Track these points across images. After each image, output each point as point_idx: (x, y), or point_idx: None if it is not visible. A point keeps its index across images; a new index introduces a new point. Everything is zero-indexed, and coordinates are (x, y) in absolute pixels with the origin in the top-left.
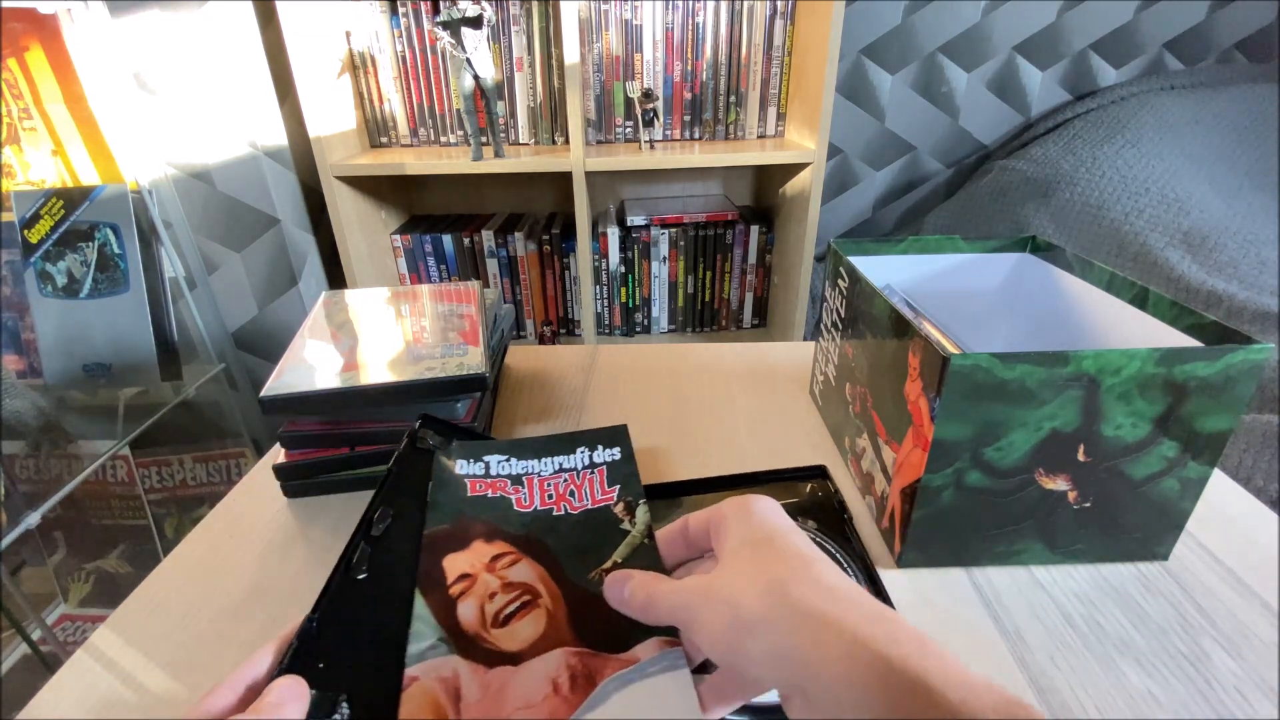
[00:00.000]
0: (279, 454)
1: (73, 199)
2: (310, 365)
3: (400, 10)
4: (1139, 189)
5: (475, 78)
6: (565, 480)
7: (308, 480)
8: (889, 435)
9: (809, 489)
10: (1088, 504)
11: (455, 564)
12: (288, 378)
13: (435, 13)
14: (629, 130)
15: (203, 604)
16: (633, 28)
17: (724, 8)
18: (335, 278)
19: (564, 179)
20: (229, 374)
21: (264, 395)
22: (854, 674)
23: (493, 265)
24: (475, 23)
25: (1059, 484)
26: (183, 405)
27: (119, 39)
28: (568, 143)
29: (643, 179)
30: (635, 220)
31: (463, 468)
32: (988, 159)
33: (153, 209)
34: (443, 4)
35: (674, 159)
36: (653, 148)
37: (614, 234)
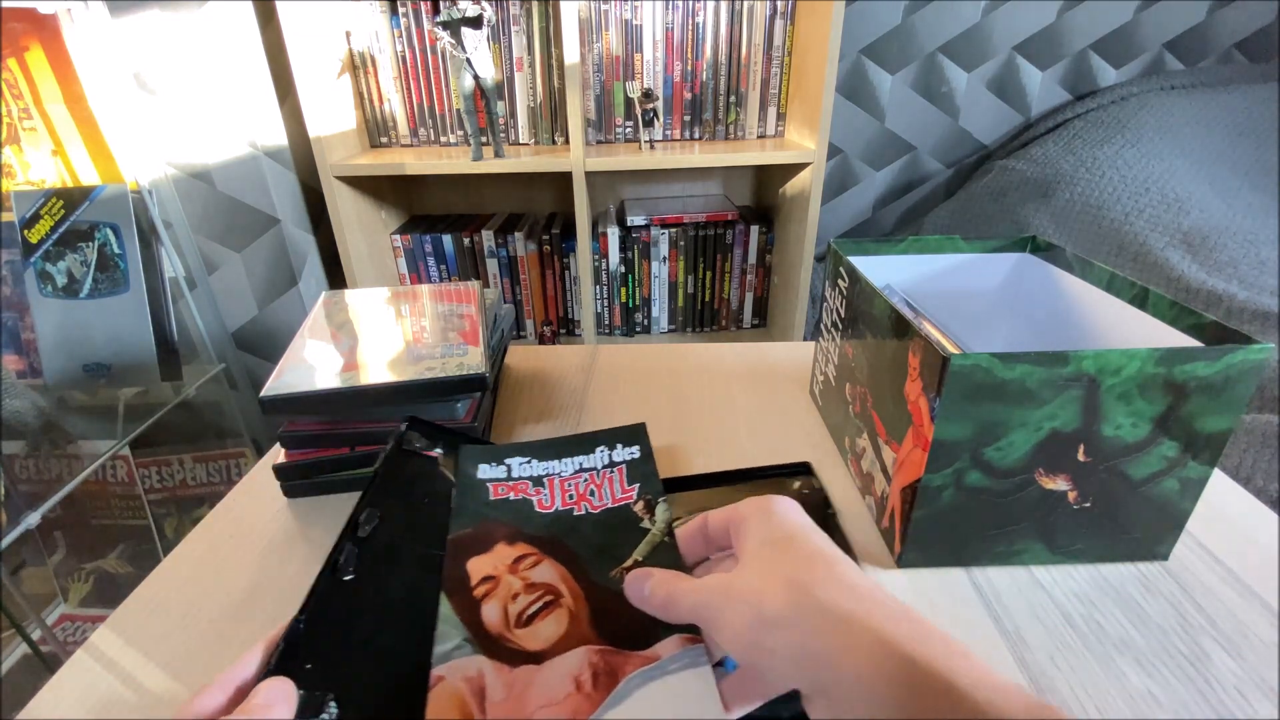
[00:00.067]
0: (279, 454)
1: (73, 199)
2: (310, 365)
3: (400, 10)
4: (1139, 189)
5: (475, 78)
6: (585, 480)
7: (308, 480)
8: (889, 435)
9: (796, 486)
10: (1088, 504)
11: (479, 567)
12: (288, 378)
13: (435, 13)
14: (629, 130)
15: (203, 604)
16: (633, 28)
17: (724, 8)
18: (335, 278)
19: (564, 179)
20: (229, 374)
21: (264, 395)
22: (880, 674)
23: (493, 265)
24: (475, 23)
25: (1059, 484)
26: (183, 405)
27: (119, 39)
28: (568, 143)
29: (643, 179)
30: (635, 220)
31: (485, 472)
32: (988, 159)
33: (153, 209)
34: (443, 4)
35: (674, 159)
36: (653, 148)
37: (614, 234)
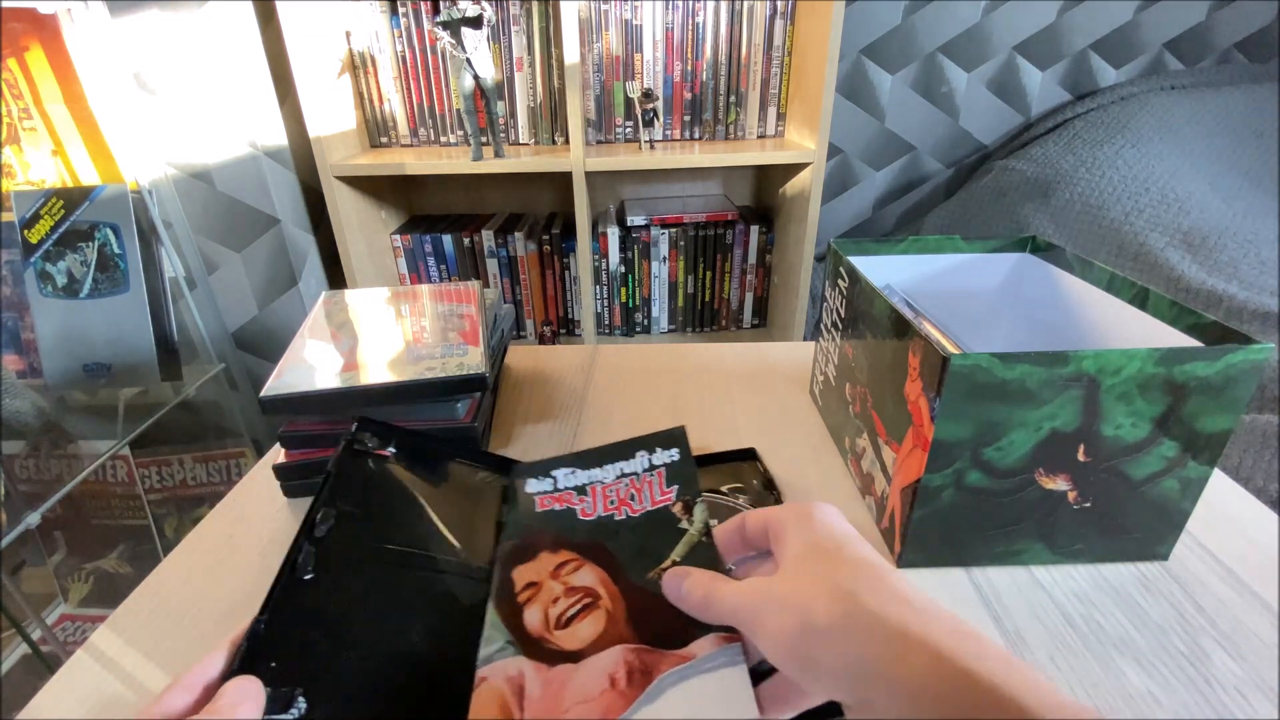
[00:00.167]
0: (279, 454)
1: (73, 199)
2: (310, 365)
3: (400, 10)
4: (1139, 189)
5: (475, 78)
6: (626, 485)
7: (308, 480)
8: (889, 435)
9: (744, 470)
10: (1088, 504)
11: (523, 574)
12: (288, 378)
13: (435, 13)
14: (629, 130)
15: (203, 604)
16: (633, 28)
17: (724, 8)
18: (335, 278)
19: (564, 179)
20: (229, 374)
21: (264, 395)
22: (936, 690)
23: (493, 265)
24: (475, 23)
25: (1059, 484)
26: (183, 405)
27: (119, 39)
28: (568, 143)
29: (643, 179)
30: (635, 220)
31: (532, 486)
32: (988, 159)
33: (153, 209)
34: (443, 4)
35: (674, 159)
36: (653, 148)
37: (614, 234)
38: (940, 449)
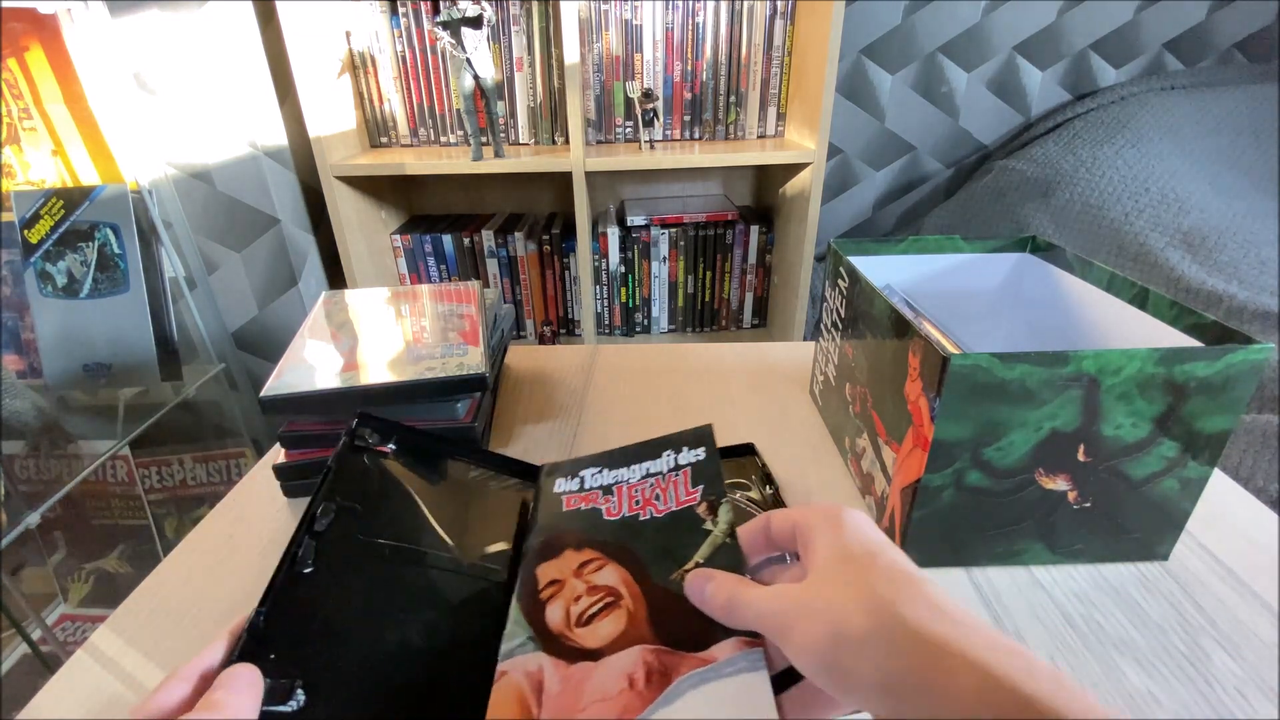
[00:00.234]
0: (279, 454)
1: (73, 199)
2: (310, 365)
3: (400, 10)
4: (1139, 189)
5: (475, 78)
6: (652, 485)
7: (308, 480)
8: (889, 435)
9: (745, 465)
10: (1088, 504)
11: (546, 572)
12: (288, 378)
13: (435, 13)
14: (629, 130)
15: (203, 604)
16: (633, 28)
17: (724, 8)
18: (335, 278)
19: (564, 179)
20: (229, 374)
21: (264, 395)
22: (984, 709)
23: (493, 265)
24: (475, 23)
25: (1059, 484)
26: (183, 405)
27: (119, 39)
28: (568, 143)
29: (643, 179)
30: (635, 220)
31: (560, 486)
32: (988, 159)
33: (153, 209)
34: (443, 4)
35: (674, 159)
36: (653, 148)
37: (614, 234)
38: (940, 449)
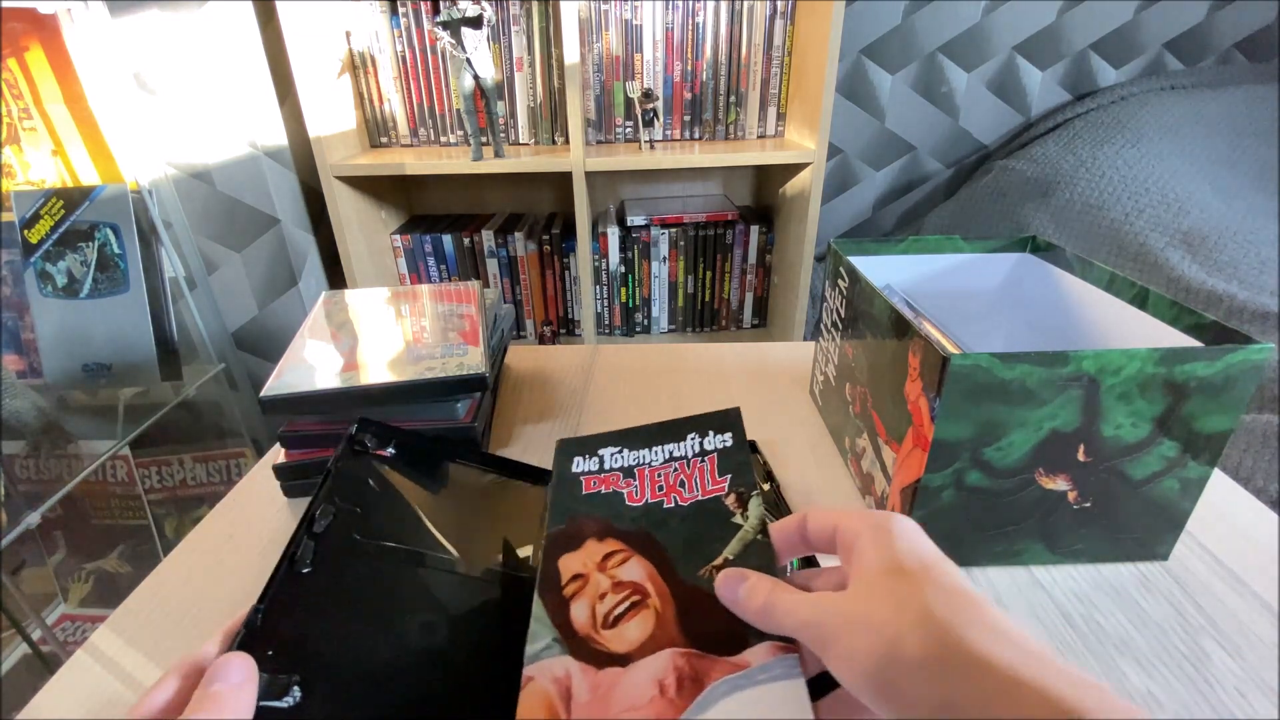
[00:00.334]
0: (279, 454)
1: (73, 199)
2: (310, 365)
3: (400, 10)
4: (1139, 189)
5: (475, 78)
6: (675, 470)
7: (308, 480)
8: (889, 435)
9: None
10: (1088, 504)
11: (569, 565)
12: (288, 378)
13: (435, 13)
14: (629, 130)
15: (203, 604)
16: (633, 28)
17: (724, 8)
18: (335, 278)
19: (564, 179)
20: (229, 374)
21: (264, 395)
22: None
23: (493, 265)
24: (475, 23)
25: (1059, 484)
26: (183, 405)
27: (119, 39)
28: (568, 143)
29: (643, 179)
30: (635, 220)
31: (579, 465)
32: (988, 159)
33: (153, 209)
34: (443, 4)
35: (674, 159)
36: (653, 148)
37: (614, 234)
38: (940, 449)
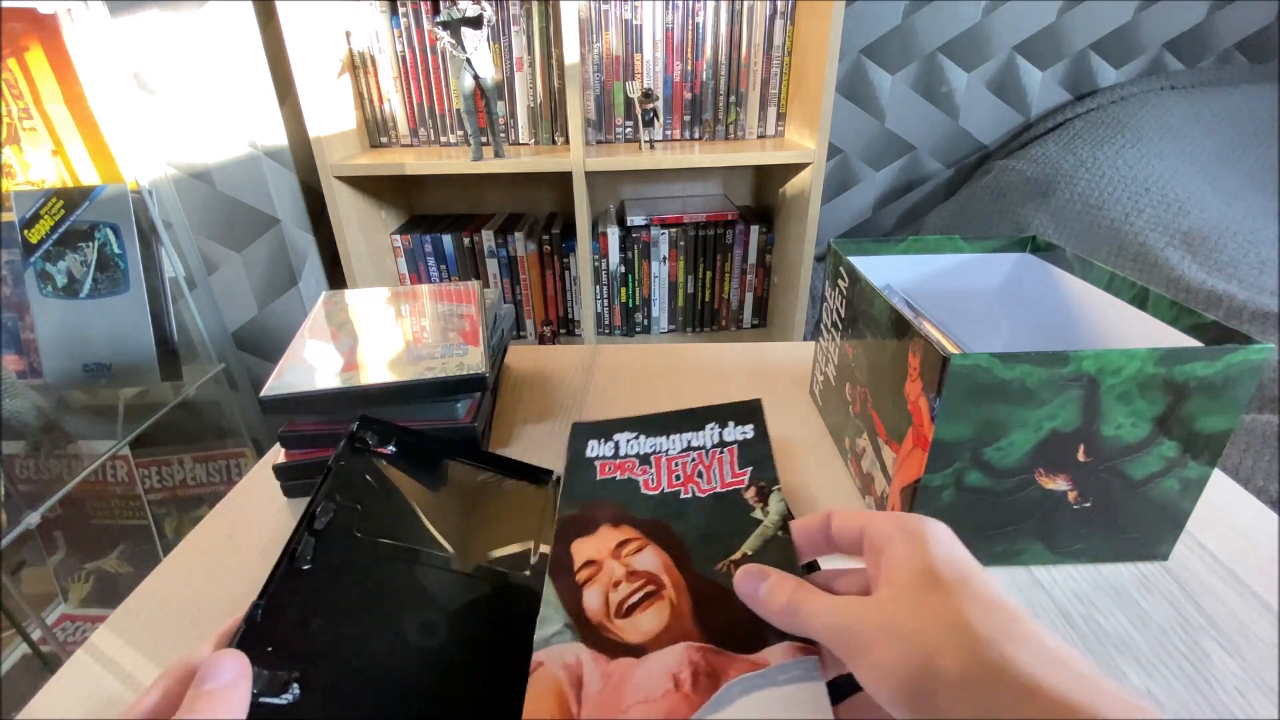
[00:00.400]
0: (279, 454)
1: (73, 199)
2: (310, 365)
3: (400, 10)
4: (1139, 189)
5: (475, 78)
6: (694, 460)
7: (308, 480)
8: (889, 435)
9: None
10: (1088, 504)
11: (582, 550)
12: (288, 378)
13: (435, 13)
14: (629, 130)
15: (203, 604)
16: (633, 28)
17: (724, 8)
18: (335, 278)
19: (564, 179)
20: (229, 374)
21: (264, 395)
22: None
23: (493, 265)
24: (475, 23)
25: (1059, 484)
26: (183, 405)
27: (119, 39)
28: (568, 143)
29: (643, 179)
30: (635, 220)
31: (593, 449)
32: (988, 159)
33: (153, 209)
34: (443, 4)
35: (674, 159)
36: (653, 148)
37: (614, 234)
38: (940, 449)
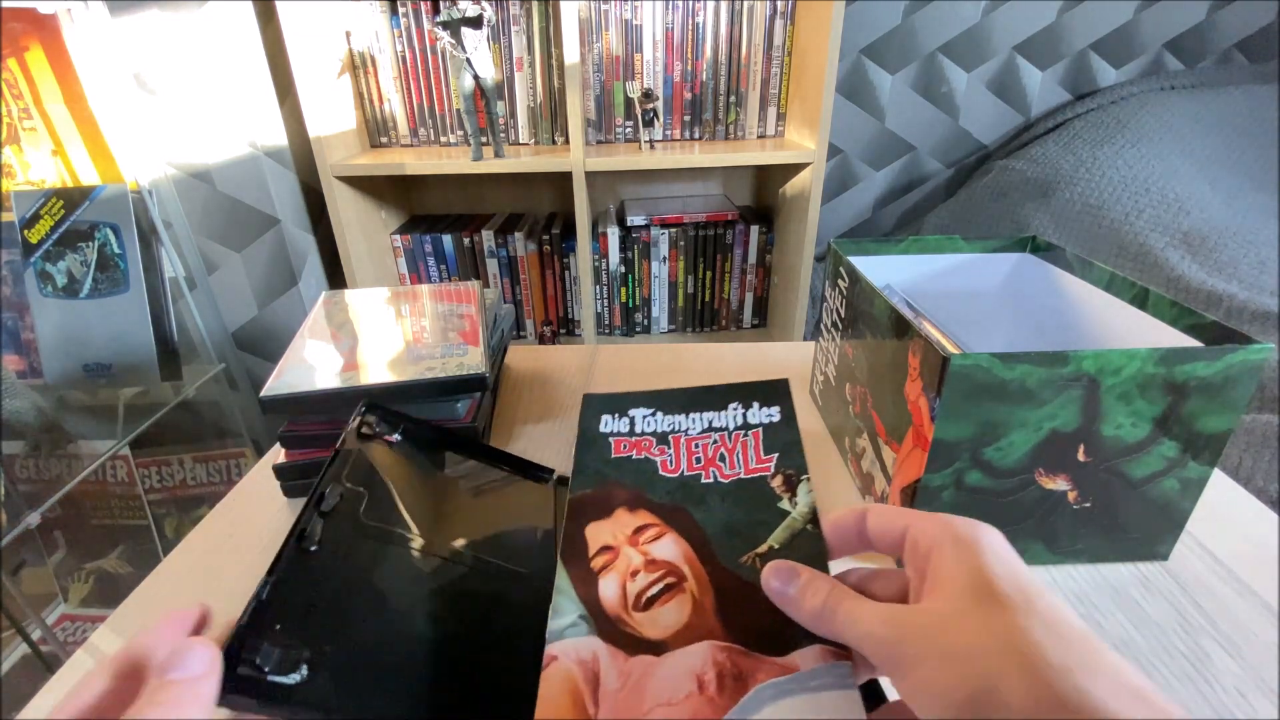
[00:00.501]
0: (279, 454)
1: (73, 199)
2: (310, 365)
3: (400, 10)
4: (1139, 189)
5: (475, 78)
6: (715, 442)
7: (308, 480)
8: (889, 435)
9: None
10: (1088, 504)
11: (597, 534)
12: (288, 378)
13: (435, 13)
14: (629, 130)
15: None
16: (633, 28)
17: (724, 8)
18: (335, 278)
19: (564, 179)
20: (229, 374)
21: (264, 395)
22: None
23: (493, 265)
24: (475, 23)
25: (1059, 484)
26: (183, 405)
27: (119, 39)
28: (568, 143)
29: (643, 179)
30: (635, 220)
31: (607, 424)
32: (988, 159)
33: (153, 209)
34: (443, 4)
35: (674, 159)
36: (653, 148)
37: (614, 234)
38: (940, 449)
